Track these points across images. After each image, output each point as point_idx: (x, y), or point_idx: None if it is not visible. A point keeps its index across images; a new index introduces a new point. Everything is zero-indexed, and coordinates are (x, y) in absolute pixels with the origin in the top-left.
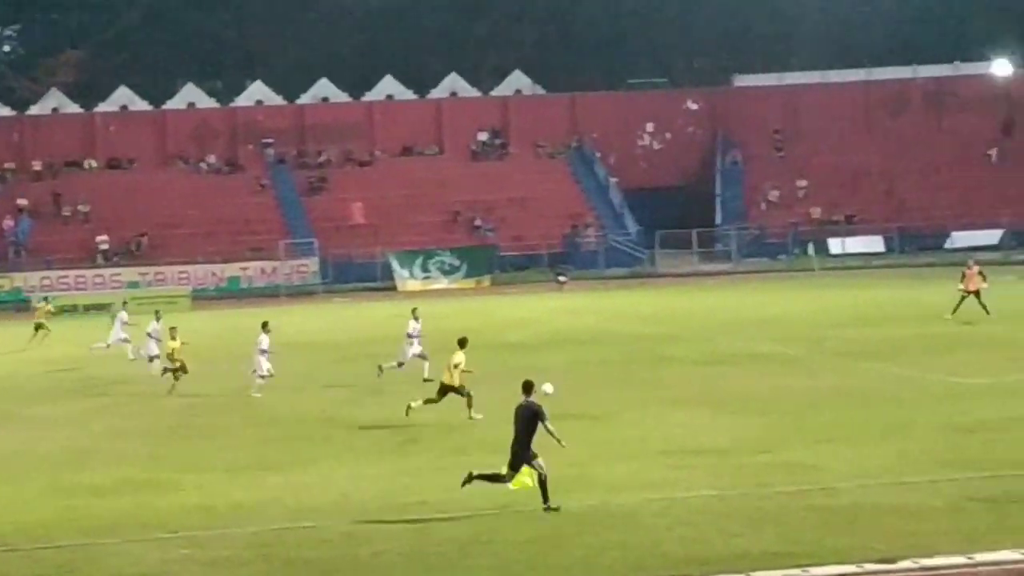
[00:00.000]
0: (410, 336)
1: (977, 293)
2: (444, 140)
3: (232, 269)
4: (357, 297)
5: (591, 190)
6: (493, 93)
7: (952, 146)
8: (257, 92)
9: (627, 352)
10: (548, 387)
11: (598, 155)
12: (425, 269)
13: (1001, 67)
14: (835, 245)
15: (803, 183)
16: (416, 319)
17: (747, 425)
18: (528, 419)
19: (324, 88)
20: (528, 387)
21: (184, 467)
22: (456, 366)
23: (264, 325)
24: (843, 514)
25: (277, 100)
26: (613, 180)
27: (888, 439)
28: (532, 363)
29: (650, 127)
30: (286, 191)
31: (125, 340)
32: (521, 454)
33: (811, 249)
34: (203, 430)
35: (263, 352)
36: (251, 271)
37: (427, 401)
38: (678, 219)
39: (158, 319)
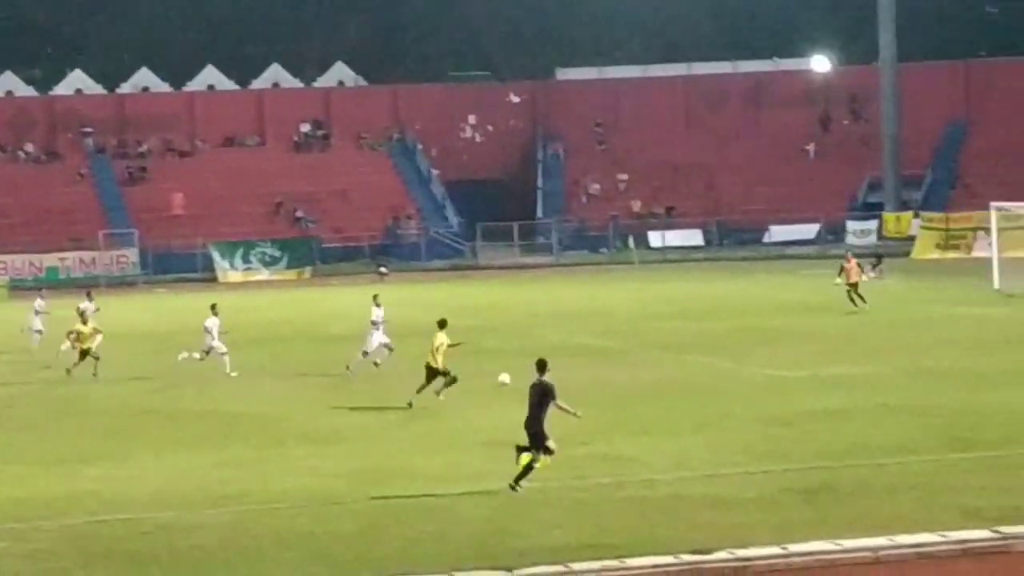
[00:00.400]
0: (374, 323)
1: (855, 285)
2: (266, 131)
3: (50, 259)
4: (177, 288)
5: (413, 182)
6: (316, 84)
7: (770, 141)
8: (77, 81)
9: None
10: (504, 377)
11: (420, 147)
12: (246, 260)
13: (819, 63)
14: (655, 238)
15: (624, 176)
16: (378, 305)
17: (566, 417)
18: (540, 396)
19: (145, 77)
20: (542, 365)
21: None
22: (438, 348)
23: (212, 307)
24: (660, 505)
25: (97, 89)
26: (435, 172)
27: (705, 431)
28: (354, 354)
29: (472, 120)
30: (106, 181)
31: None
32: (539, 432)
33: (631, 242)
34: (20, 421)
35: (208, 333)
36: (70, 261)
37: (419, 390)
38: (499, 212)
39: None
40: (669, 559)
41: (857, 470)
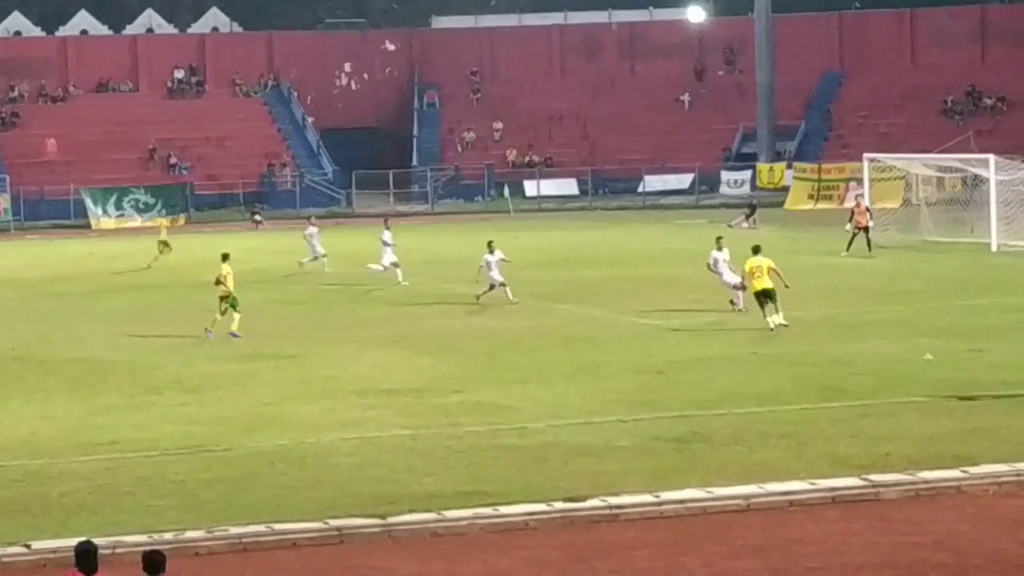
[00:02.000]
0: (385, 244)
1: (866, 229)
2: (140, 77)
3: None
4: (50, 234)
5: (288, 129)
6: (190, 30)
7: (646, 91)
8: None
9: (322, 291)
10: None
11: (295, 94)
12: (119, 207)
13: (695, 14)
14: (530, 187)
15: (499, 125)
16: (388, 228)
17: (441, 365)
18: None
19: (17, 22)
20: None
21: None
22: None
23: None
24: (533, 453)
25: None
26: (310, 120)
27: (579, 380)
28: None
29: (348, 67)
30: None
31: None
32: None
33: (506, 191)
34: None
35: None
36: None
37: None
38: (375, 160)
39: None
40: (542, 506)
41: (728, 418)
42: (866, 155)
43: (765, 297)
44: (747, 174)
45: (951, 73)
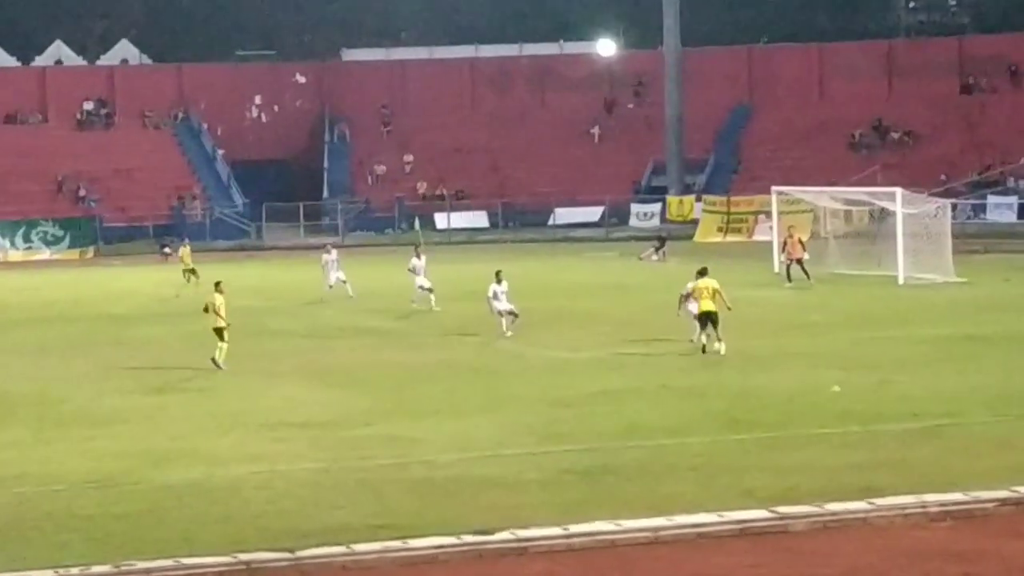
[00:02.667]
0: (411, 270)
1: (800, 261)
2: (49, 109)
3: None
4: None
5: (198, 162)
6: (99, 62)
7: (556, 124)
8: None
9: (232, 325)
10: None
11: (205, 127)
12: (27, 239)
13: (605, 47)
14: (441, 220)
15: (409, 158)
16: (419, 256)
17: (351, 398)
18: None
19: None
20: None
21: None
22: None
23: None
24: (443, 486)
25: None
26: (220, 152)
27: (489, 412)
28: (137, 335)
29: (258, 100)
30: None
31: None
32: None
33: (417, 224)
34: None
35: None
36: None
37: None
38: (285, 192)
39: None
40: (451, 539)
41: (637, 451)
42: (774, 188)
43: (707, 319)
44: (657, 207)
45: (858, 107)
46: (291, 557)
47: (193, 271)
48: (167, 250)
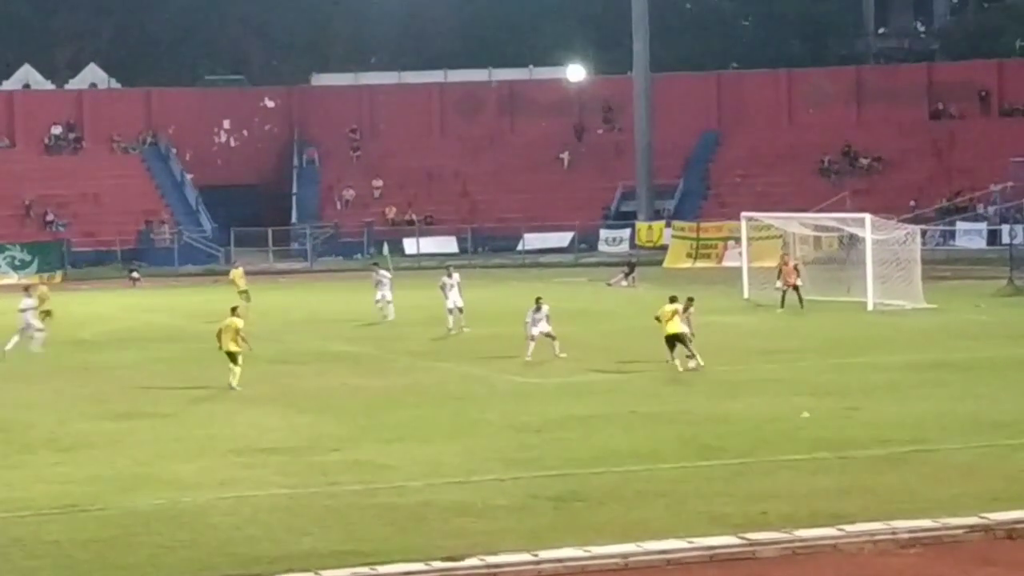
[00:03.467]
0: (441, 287)
1: (796, 287)
2: (16, 133)
3: None
4: None
5: (166, 186)
6: (68, 86)
7: (525, 149)
8: None
9: (198, 350)
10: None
11: (174, 151)
12: None
13: (574, 72)
14: (410, 245)
15: (379, 183)
16: (449, 275)
17: (318, 423)
18: None
19: None
20: None
21: None
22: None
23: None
24: (411, 512)
25: None
26: (189, 176)
27: (457, 438)
28: (104, 360)
29: (227, 124)
30: None
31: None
32: None
33: (386, 249)
34: None
35: None
36: None
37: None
38: (254, 217)
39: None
40: (420, 566)
41: (606, 477)
42: (744, 214)
43: (674, 341)
44: (626, 232)
45: (827, 133)
46: None
47: (246, 292)
48: (135, 275)
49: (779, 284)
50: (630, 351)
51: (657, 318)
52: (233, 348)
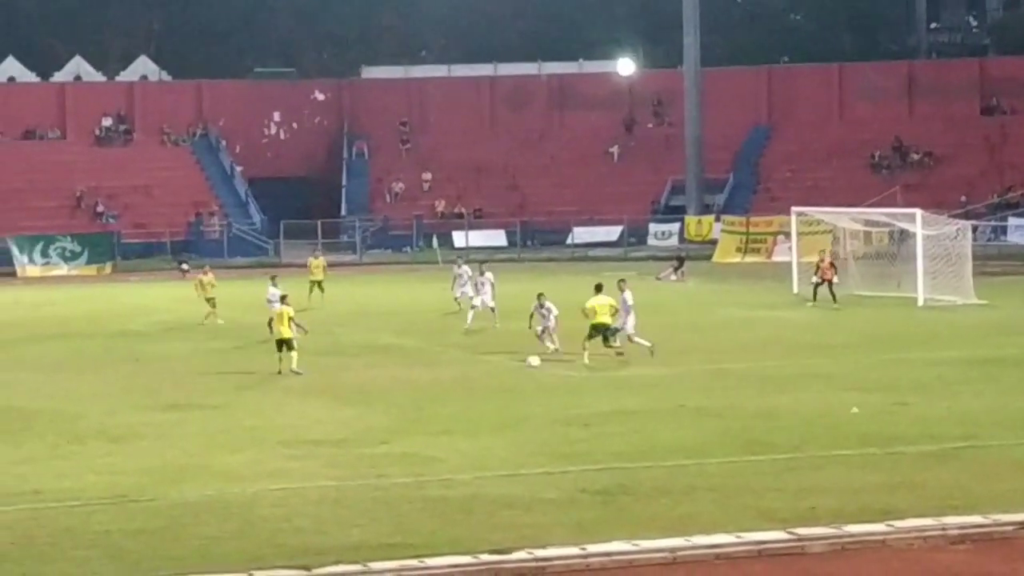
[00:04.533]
0: (465, 280)
1: (830, 283)
2: (67, 124)
3: None
4: None
5: (216, 178)
6: (118, 78)
7: (575, 143)
8: None
9: (248, 341)
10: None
11: (224, 143)
12: (45, 255)
13: (624, 66)
14: (459, 238)
15: (428, 176)
16: (481, 273)
17: (367, 416)
18: None
19: None
20: None
21: None
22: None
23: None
24: (459, 505)
25: None
26: (238, 169)
27: (505, 431)
28: (154, 351)
29: (277, 117)
30: None
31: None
32: None
33: (435, 242)
34: None
35: None
36: None
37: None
38: (303, 209)
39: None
40: (468, 559)
41: (654, 471)
42: (794, 208)
43: (599, 329)
44: (675, 226)
45: (878, 128)
46: (307, 575)
47: (319, 284)
48: (185, 266)
49: (814, 278)
50: (678, 345)
51: (587, 309)
52: (286, 335)
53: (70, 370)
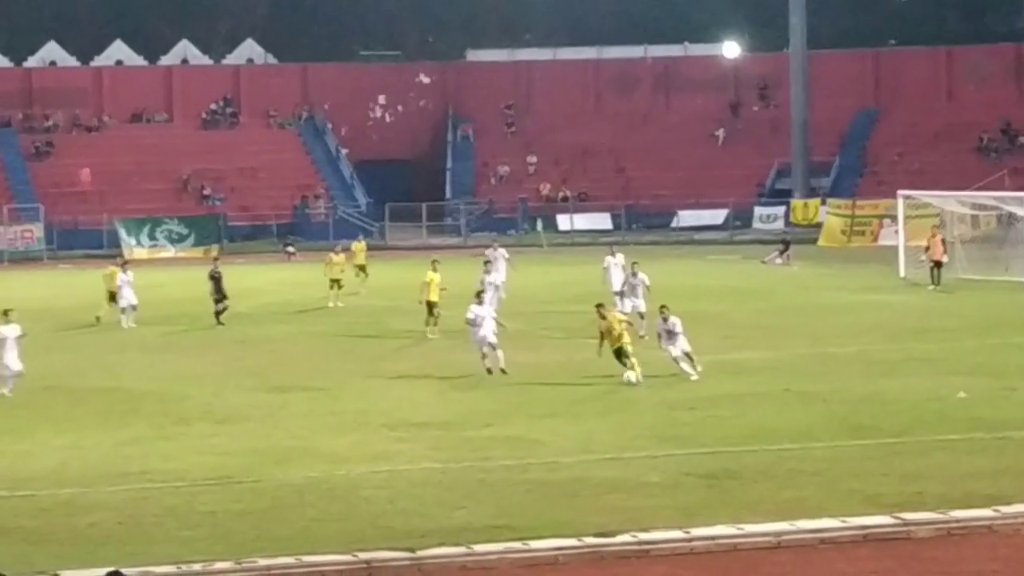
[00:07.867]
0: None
1: (939, 263)
2: (174, 107)
3: None
4: (83, 264)
5: (321, 161)
6: (224, 61)
7: (680, 126)
8: None
9: (353, 324)
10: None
11: (329, 126)
12: (152, 237)
13: (730, 49)
14: (564, 222)
15: (533, 159)
16: (613, 255)
17: (471, 399)
18: None
19: (52, 51)
20: None
21: None
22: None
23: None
24: (564, 488)
25: (3, 63)
26: (344, 152)
27: (609, 415)
28: (259, 334)
29: (382, 99)
30: (11, 156)
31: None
32: None
33: (540, 225)
34: None
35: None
36: None
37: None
38: (408, 192)
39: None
40: (572, 541)
41: (759, 455)
42: (900, 192)
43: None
44: (781, 210)
45: (986, 111)
46: (411, 556)
47: (363, 268)
48: (291, 249)
49: (924, 258)
50: (784, 329)
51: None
52: (434, 299)
53: (177, 352)
